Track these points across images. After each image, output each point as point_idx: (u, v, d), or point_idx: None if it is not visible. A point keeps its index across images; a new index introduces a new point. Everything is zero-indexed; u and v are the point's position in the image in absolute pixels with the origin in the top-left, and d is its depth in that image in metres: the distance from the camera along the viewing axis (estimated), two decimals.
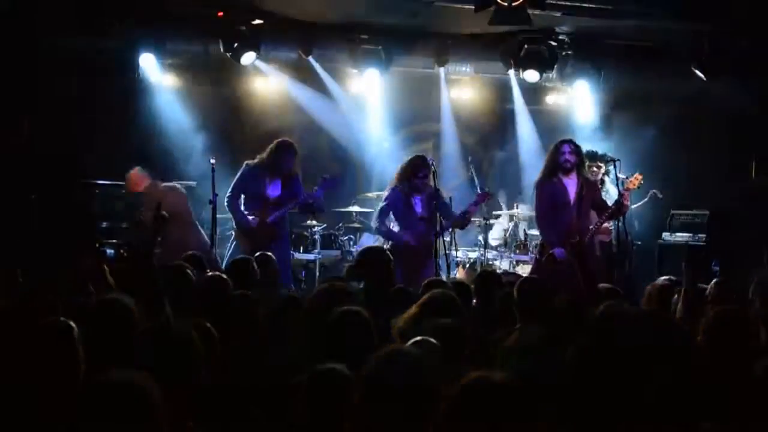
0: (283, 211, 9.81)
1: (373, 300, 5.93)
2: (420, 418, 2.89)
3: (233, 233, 10.00)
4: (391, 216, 9.71)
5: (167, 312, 4.24)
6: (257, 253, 7.71)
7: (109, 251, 4.99)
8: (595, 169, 10.54)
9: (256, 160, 9.86)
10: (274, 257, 7.67)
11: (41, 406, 3.45)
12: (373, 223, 9.90)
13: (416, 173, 9.50)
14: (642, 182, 9.92)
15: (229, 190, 9.76)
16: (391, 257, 6.87)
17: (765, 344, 4.36)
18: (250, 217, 9.67)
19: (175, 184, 10.32)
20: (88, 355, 3.70)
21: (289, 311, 5.24)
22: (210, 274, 5.76)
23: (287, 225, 10.16)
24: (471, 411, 2.63)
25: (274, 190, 9.81)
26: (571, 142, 9.54)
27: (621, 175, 9.94)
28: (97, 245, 9.40)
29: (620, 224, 9.47)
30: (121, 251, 4.43)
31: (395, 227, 9.69)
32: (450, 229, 9.98)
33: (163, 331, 3.66)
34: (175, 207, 9.75)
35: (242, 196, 9.80)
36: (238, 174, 9.85)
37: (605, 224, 9.61)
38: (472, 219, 10.30)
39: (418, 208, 9.53)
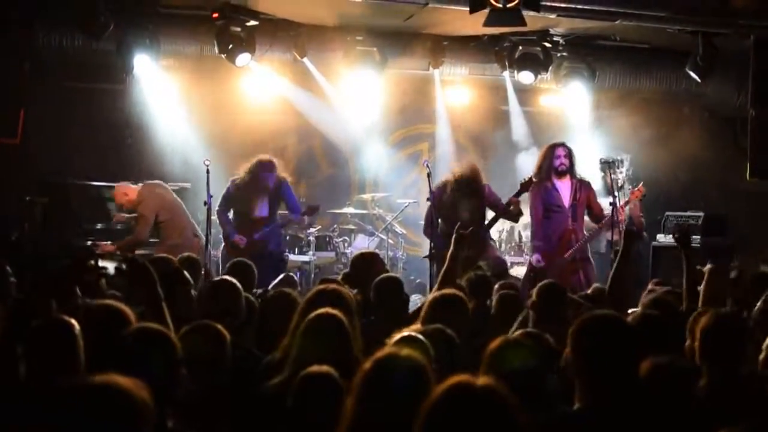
0: (268, 230, 9.87)
1: (367, 308, 5.93)
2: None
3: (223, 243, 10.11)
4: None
5: (167, 319, 4.22)
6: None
7: (109, 267, 4.98)
8: (612, 176, 10.42)
9: (240, 177, 9.95)
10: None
11: (41, 403, 3.45)
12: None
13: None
14: (645, 194, 9.90)
15: (218, 204, 9.86)
16: (384, 263, 6.85)
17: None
18: (236, 236, 9.73)
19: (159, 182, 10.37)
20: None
21: (284, 312, 5.25)
22: (218, 279, 5.74)
23: (277, 240, 10.17)
24: (449, 417, 2.54)
25: (261, 210, 9.93)
26: (564, 145, 9.61)
27: (615, 177, 9.93)
28: (87, 250, 9.45)
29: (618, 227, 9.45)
30: (122, 266, 4.40)
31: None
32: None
33: (140, 331, 3.65)
34: (172, 203, 9.89)
35: (231, 210, 9.93)
36: (225, 191, 9.97)
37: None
38: None
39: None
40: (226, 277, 5.73)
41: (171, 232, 9.86)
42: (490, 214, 9.70)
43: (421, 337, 3.98)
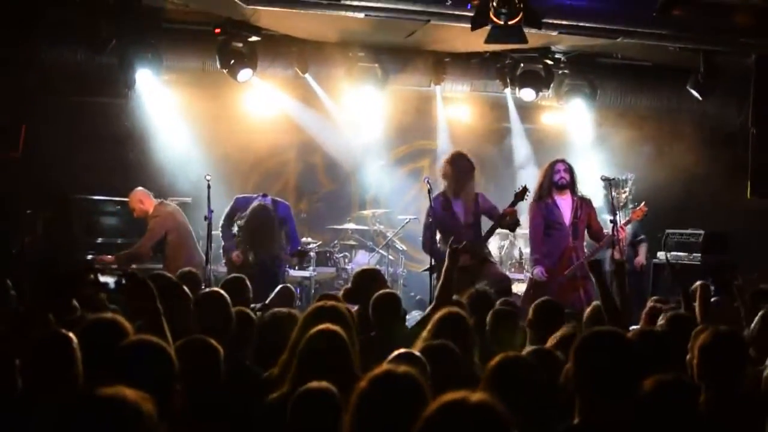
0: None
1: (368, 324, 5.93)
2: None
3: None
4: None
5: (166, 333, 4.22)
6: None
7: (110, 281, 4.96)
8: (614, 194, 10.53)
9: (246, 196, 10.00)
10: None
11: (39, 415, 3.45)
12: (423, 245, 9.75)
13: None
14: (647, 213, 9.93)
15: (223, 218, 9.87)
16: (385, 280, 6.83)
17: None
18: (235, 253, 9.75)
19: (173, 203, 10.36)
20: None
21: (283, 327, 5.25)
22: (207, 290, 5.72)
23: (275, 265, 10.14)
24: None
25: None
26: (564, 161, 9.62)
27: (618, 195, 9.96)
28: (87, 264, 9.46)
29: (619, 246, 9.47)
30: (123, 281, 4.41)
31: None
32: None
33: (137, 344, 3.64)
34: (184, 226, 9.90)
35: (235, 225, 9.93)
36: (230, 206, 9.97)
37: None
38: None
39: (461, 216, 9.50)
40: (215, 289, 5.72)
41: (177, 254, 9.82)
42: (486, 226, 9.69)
43: (418, 354, 3.97)
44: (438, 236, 9.29)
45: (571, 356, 3.67)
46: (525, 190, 9.46)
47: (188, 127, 11.85)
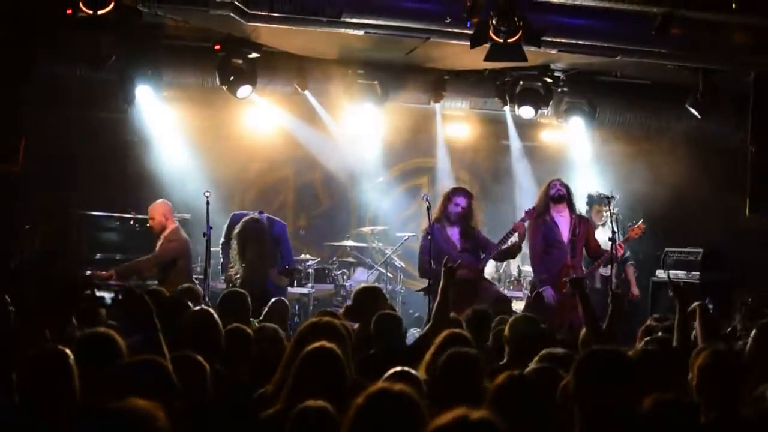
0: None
1: (368, 342, 5.92)
2: None
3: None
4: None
5: (163, 349, 4.20)
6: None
7: (106, 296, 4.96)
8: (603, 212, 10.58)
9: (242, 213, 9.98)
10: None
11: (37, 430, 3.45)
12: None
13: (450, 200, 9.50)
14: (645, 231, 9.95)
15: (223, 235, 9.83)
16: (387, 298, 6.82)
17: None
18: (234, 269, 9.72)
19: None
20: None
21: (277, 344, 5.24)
22: (196, 308, 5.70)
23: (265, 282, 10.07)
24: None
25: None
26: (560, 179, 9.68)
27: (615, 212, 9.97)
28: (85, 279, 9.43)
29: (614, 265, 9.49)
30: (119, 296, 4.42)
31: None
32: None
33: (136, 362, 3.63)
34: (192, 255, 9.86)
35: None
36: (227, 223, 9.93)
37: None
38: None
39: (457, 242, 9.48)
40: (204, 307, 5.70)
41: (179, 280, 9.71)
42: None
43: (414, 372, 3.96)
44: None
45: (572, 374, 3.66)
46: (535, 209, 9.46)
47: (187, 143, 11.85)
